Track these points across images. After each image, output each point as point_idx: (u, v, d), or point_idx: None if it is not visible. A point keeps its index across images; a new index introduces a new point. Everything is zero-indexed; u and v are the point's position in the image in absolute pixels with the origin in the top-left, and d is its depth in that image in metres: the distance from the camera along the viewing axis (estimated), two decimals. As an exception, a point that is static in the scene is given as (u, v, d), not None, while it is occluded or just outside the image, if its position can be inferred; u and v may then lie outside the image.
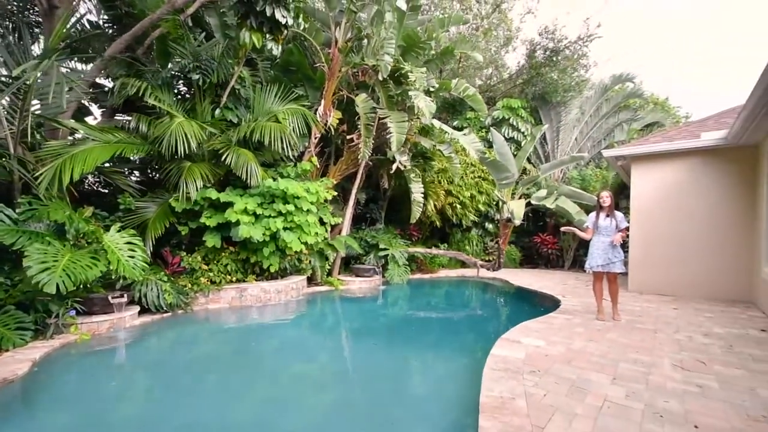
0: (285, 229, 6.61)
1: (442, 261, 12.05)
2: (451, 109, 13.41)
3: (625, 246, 10.47)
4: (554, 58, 12.62)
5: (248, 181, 6.34)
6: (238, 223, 6.15)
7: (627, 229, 5.34)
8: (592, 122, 13.42)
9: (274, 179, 6.86)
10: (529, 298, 8.37)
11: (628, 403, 2.84)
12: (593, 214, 5.59)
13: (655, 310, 6.35)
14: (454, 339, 5.78)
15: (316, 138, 8.50)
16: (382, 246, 9.95)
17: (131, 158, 6.54)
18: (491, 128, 9.15)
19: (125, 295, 5.26)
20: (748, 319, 5.71)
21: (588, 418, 2.61)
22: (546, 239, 12.98)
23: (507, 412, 2.65)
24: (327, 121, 8.31)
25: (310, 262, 8.42)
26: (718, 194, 7.39)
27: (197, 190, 6.18)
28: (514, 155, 10.01)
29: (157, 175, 6.66)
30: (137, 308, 5.64)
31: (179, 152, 5.78)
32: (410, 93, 7.44)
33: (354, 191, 9.23)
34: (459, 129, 12.64)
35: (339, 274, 9.72)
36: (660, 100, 16.01)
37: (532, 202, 8.28)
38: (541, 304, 7.32)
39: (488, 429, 2.43)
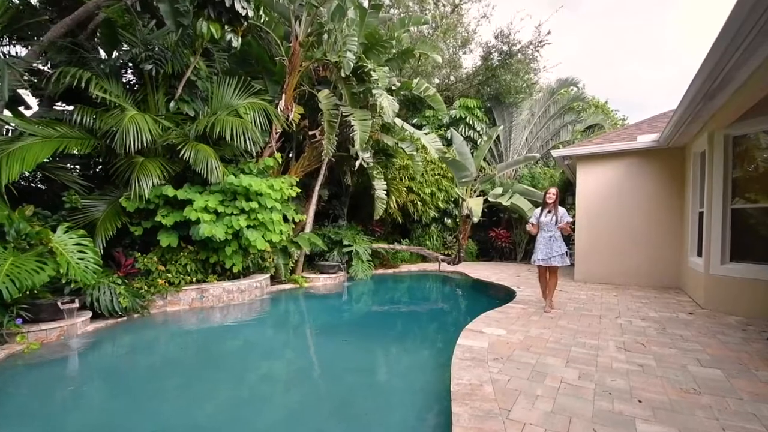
0: (248, 227, 6.46)
1: (404, 256, 12.29)
2: (411, 107, 13.65)
3: (570, 240, 11.34)
4: (508, 61, 13.23)
5: (208, 177, 6.11)
6: (198, 221, 5.92)
7: (570, 223, 5.72)
8: (541, 123, 14.24)
9: (236, 176, 6.66)
10: (487, 289, 8.80)
11: (581, 384, 3.14)
12: (538, 210, 5.94)
13: (599, 297, 6.94)
14: (421, 332, 5.99)
15: (277, 133, 8.34)
16: (346, 242, 9.99)
17: (76, 153, 6.06)
18: (450, 128, 9.49)
19: (76, 300, 4.92)
20: (677, 304, 6.41)
21: (548, 399, 2.86)
22: (500, 233, 13.64)
23: (476, 397, 2.83)
24: (288, 116, 8.18)
25: (273, 260, 8.28)
26: (653, 191, 8.17)
27: (152, 187, 5.86)
28: (472, 154, 10.43)
29: (109, 170, 6.22)
30: (89, 313, 5.28)
31: (131, 147, 5.45)
32: (374, 92, 7.50)
33: (317, 188, 9.17)
34: (419, 127, 12.93)
35: (303, 271, 9.64)
36: (600, 103, 17.27)
37: (489, 199, 8.69)
38: (498, 295, 7.74)
39: (461, 414, 2.59)
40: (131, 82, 7.34)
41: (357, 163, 8.92)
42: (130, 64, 6.63)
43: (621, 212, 8.47)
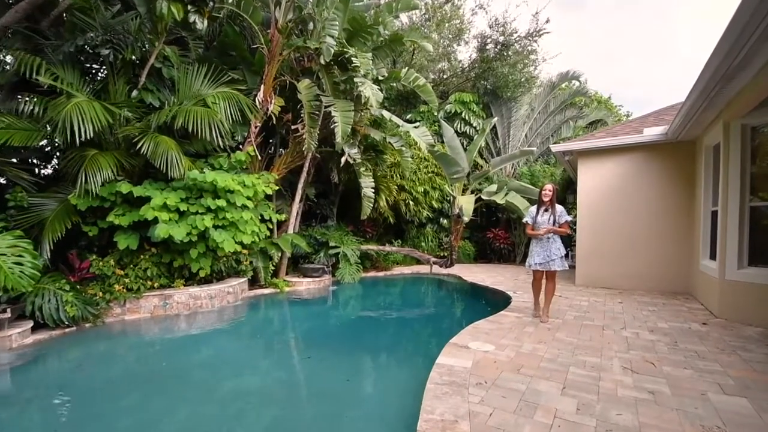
0: (216, 227, 5.90)
1: (397, 258, 11.72)
2: (405, 102, 13.08)
3: (570, 241, 10.74)
4: (504, 53, 12.62)
5: (168, 172, 5.55)
6: (156, 221, 5.36)
7: (569, 223, 5.13)
8: (540, 119, 13.62)
9: (204, 171, 6.10)
10: (482, 294, 8.21)
11: (580, 419, 2.55)
12: (533, 209, 5.32)
13: (602, 304, 6.34)
14: (401, 345, 5.37)
15: (256, 127, 7.79)
16: (332, 244, 9.42)
17: (24, 146, 5.51)
18: (441, 121, 8.84)
19: (8, 310, 4.37)
20: (689, 312, 5.80)
21: (538, 442, 2.28)
22: (498, 234, 13.04)
23: (448, 440, 2.26)
24: (268, 108, 7.63)
25: (251, 262, 7.73)
26: (660, 189, 7.56)
27: (105, 182, 5.31)
28: (465, 149, 9.83)
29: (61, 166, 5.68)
30: (30, 323, 4.74)
31: (75, 138, 4.86)
32: (356, 80, 6.92)
33: (300, 186, 8.61)
34: (412, 122, 12.34)
35: (287, 274, 9.09)
36: (603, 98, 16.64)
37: (483, 197, 8.10)
38: (493, 301, 7.15)
39: (424, 467, 2.02)
40: (94, 71, 6.79)
41: (343, 160, 8.35)
42: (90, 51, 6.07)
43: (626, 211, 7.86)
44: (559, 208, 5.15)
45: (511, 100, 13.45)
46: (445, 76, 13.91)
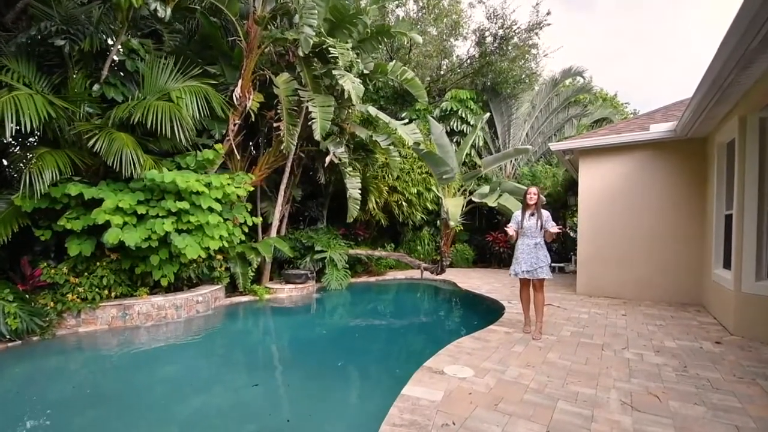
0: (180, 231, 5.43)
1: (390, 262, 11.21)
2: (401, 99, 12.56)
3: (573, 246, 10.12)
4: (504, 47, 12.04)
5: (122, 171, 5.08)
6: (110, 225, 4.90)
7: (556, 229, 4.61)
8: (542, 117, 13.05)
9: (170, 170, 5.65)
10: (473, 304, 7.66)
11: (561, 481, 2.02)
12: (518, 214, 4.82)
13: (604, 317, 5.77)
14: (372, 366, 4.65)
15: (235, 124, 7.34)
16: (318, 248, 8.94)
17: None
18: (429, 117, 8.31)
19: (-68, 325, 3.94)
20: (699, 327, 5.21)
21: None
22: (498, 237, 12.48)
23: None
24: (246, 104, 7.18)
25: (228, 268, 7.27)
26: (669, 190, 6.97)
27: (57, 182, 4.87)
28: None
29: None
30: (-35, 338, 4.33)
31: (5, 132, 4.40)
32: (334, 72, 6.42)
33: (283, 187, 8.14)
34: (410, 121, 11.83)
35: (271, 280, 8.63)
36: (609, 96, 15.99)
37: (474, 199, 7.55)
38: (485, 311, 6.62)
39: None
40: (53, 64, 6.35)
41: (327, 159, 7.86)
42: (48, 42, 5.64)
43: (630, 215, 7.27)
44: (545, 213, 4.66)
45: (512, 98, 12.88)
46: (442, 72, 13.34)
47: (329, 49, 6.32)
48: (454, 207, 6.91)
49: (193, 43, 7.96)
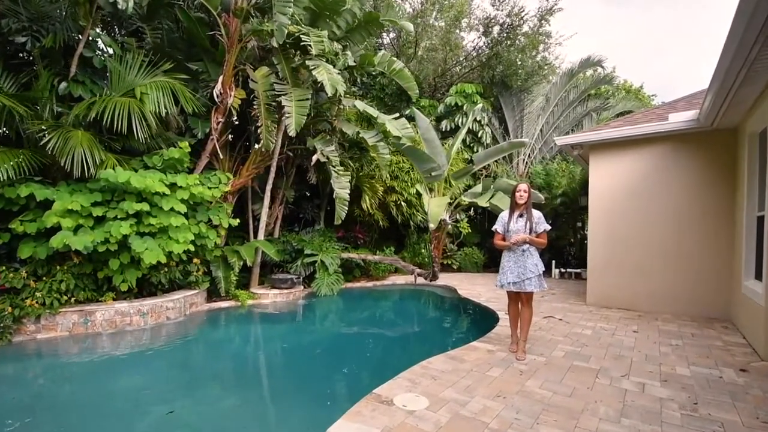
0: (141, 234, 5.12)
1: (390, 267, 10.67)
2: (404, 95, 11.99)
3: (581, 250, 9.21)
4: (512, 36, 11.25)
5: (73, 171, 4.82)
6: (62, 227, 4.64)
7: (547, 232, 3.99)
8: (558, 111, 12.15)
9: (137, 170, 5.37)
10: (468, 313, 7.05)
11: None
12: (505, 214, 4.20)
13: (609, 334, 5.03)
14: (319, 387, 3.94)
15: (218, 122, 7.04)
16: (308, 251, 8.53)
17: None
18: (415, 110, 7.72)
19: None
20: (723, 349, 4.41)
21: None
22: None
23: None
24: (228, 101, 6.86)
25: (209, 272, 6.98)
26: (691, 189, 6.12)
27: (11, 183, 4.66)
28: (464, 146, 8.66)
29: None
30: None
31: None
32: (308, 63, 5.98)
33: (268, 187, 7.78)
34: (411, 119, 11.27)
35: (261, 284, 8.30)
36: (633, 87, 14.83)
37: (466, 199, 6.91)
38: (477, 322, 6.03)
39: None
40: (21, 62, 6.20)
41: (314, 158, 7.45)
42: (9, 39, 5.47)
43: (647, 216, 6.44)
44: (536, 213, 4.02)
45: (523, 91, 12.06)
46: (448, 66, 12.64)
47: (301, 37, 5.88)
48: (436, 207, 6.31)
49: (179, 41, 7.76)
